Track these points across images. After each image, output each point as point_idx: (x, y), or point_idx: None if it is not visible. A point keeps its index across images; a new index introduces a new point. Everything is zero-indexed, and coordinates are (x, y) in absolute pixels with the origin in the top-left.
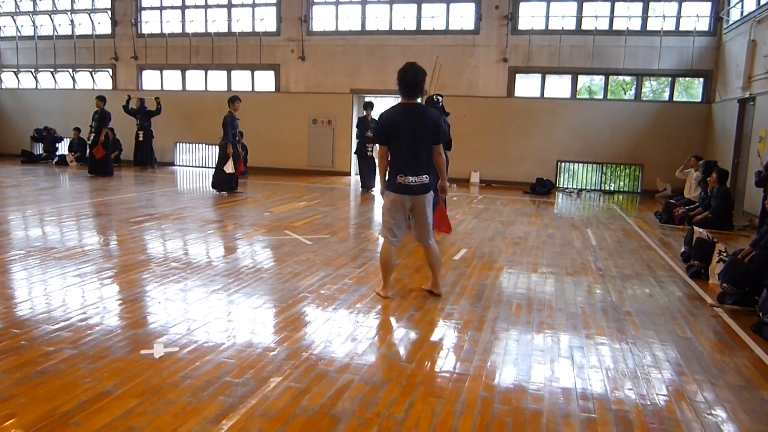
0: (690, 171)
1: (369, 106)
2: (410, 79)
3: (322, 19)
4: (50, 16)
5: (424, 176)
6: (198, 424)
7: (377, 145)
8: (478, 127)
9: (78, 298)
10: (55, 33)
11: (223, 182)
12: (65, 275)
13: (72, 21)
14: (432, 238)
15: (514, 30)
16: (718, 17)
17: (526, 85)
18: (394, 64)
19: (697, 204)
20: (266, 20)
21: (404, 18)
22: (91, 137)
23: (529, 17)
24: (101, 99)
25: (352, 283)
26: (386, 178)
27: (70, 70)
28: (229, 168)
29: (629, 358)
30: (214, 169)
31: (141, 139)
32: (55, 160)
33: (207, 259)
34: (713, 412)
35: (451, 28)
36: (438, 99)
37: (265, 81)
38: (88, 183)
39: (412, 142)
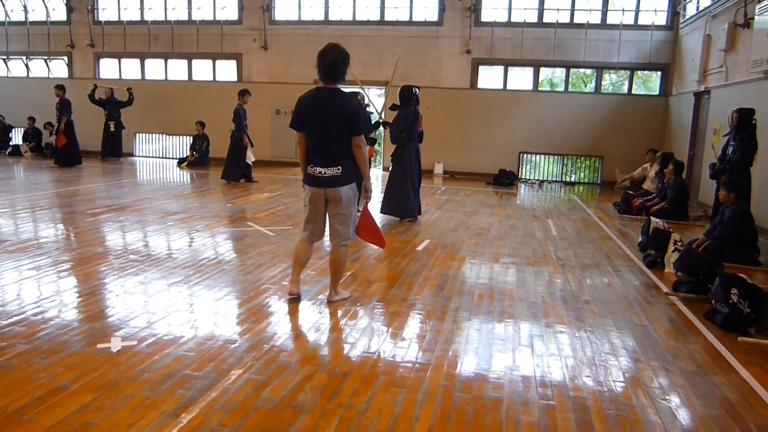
0: (647, 166)
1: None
2: (329, 61)
3: (285, 9)
4: (1, 1)
5: (336, 168)
6: (156, 418)
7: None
8: (441, 118)
9: (32, 291)
10: (7, 19)
11: (236, 173)
12: (19, 269)
13: (25, 6)
14: (345, 240)
15: (477, 22)
16: (675, 12)
17: (489, 77)
18: (358, 55)
19: (654, 195)
20: (228, 8)
21: (368, 8)
22: (56, 127)
23: (492, 9)
24: (60, 87)
25: (315, 274)
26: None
27: (24, 58)
28: (249, 158)
29: (587, 346)
30: (225, 160)
31: (112, 129)
32: (9, 150)
33: (167, 251)
34: (667, 397)
35: (414, 19)
36: (415, 91)
37: (227, 70)
38: (44, 174)
39: (325, 130)
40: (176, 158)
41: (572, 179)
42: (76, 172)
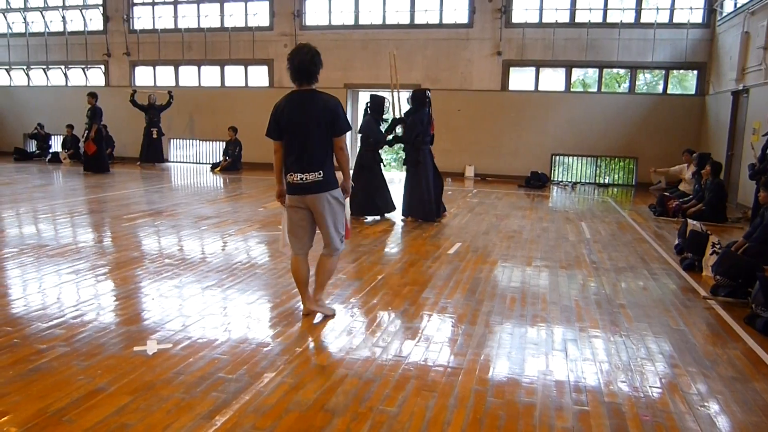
0: (684, 167)
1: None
2: (298, 63)
3: (315, 14)
4: (41, 12)
5: (317, 173)
6: (191, 420)
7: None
8: (472, 120)
9: (71, 295)
10: (47, 29)
11: None
12: (59, 273)
13: (63, 17)
14: (337, 247)
15: (508, 23)
16: (711, 9)
17: (520, 79)
18: (388, 58)
19: (690, 196)
20: (259, 15)
21: (397, 12)
22: (85, 134)
23: (523, 10)
24: (92, 95)
25: (346, 278)
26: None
27: (62, 67)
28: None
29: (623, 350)
30: None
31: (155, 136)
32: (48, 157)
33: (201, 255)
34: (706, 404)
35: (444, 21)
36: (428, 94)
37: (259, 76)
38: (82, 180)
39: (306, 134)
40: (209, 163)
41: (606, 181)
42: (111, 179)
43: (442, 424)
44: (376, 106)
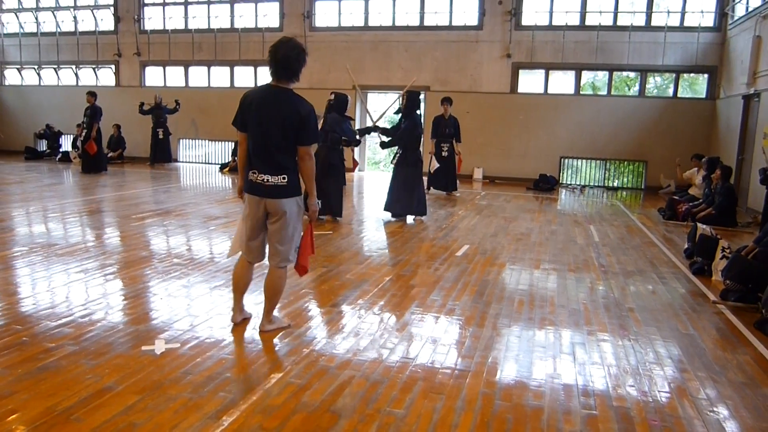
0: (694, 171)
1: (446, 101)
2: (282, 56)
3: (325, 15)
4: (53, 12)
5: (281, 177)
6: (198, 420)
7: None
8: (481, 123)
9: (80, 294)
10: (58, 29)
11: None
12: (68, 272)
13: (75, 17)
14: (283, 262)
15: (518, 25)
16: (722, 13)
17: (530, 81)
18: (398, 60)
19: (700, 200)
20: (269, 16)
21: (407, 14)
22: (83, 133)
23: (533, 12)
24: (92, 94)
25: (354, 279)
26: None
27: (73, 67)
28: None
29: (631, 354)
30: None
31: (161, 137)
32: (59, 156)
33: (209, 255)
34: (715, 409)
35: (454, 23)
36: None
37: (268, 77)
38: (91, 180)
39: (268, 134)
40: (218, 164)
41: (615, 184)
42: (119, 178)
43: (450, 427)
44: (340, 103)
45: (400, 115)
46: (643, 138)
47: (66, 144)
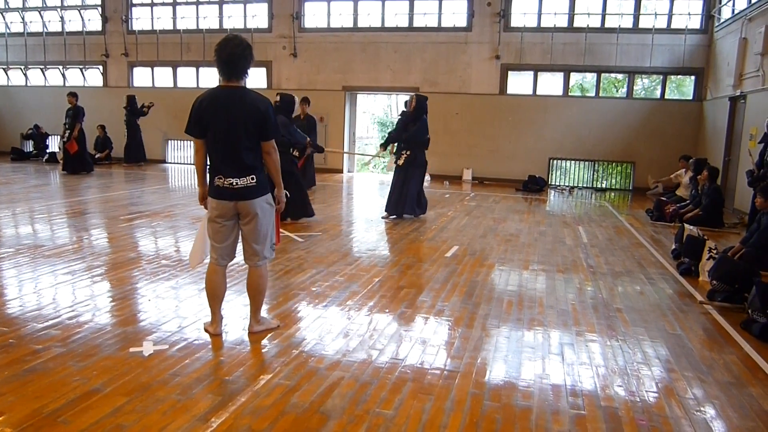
0: (681, 172)
1: (304, 101)
2: (226, 56)
3: (314, 16)
4: (40, 12)
5: (249, 177)
6: (187, 422)
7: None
8: (470, 124)
9: (67, 296)
10: (45, 30)
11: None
12: (55, 273)
13: (62, 17)
14: (262, 260)
15: (507, 27)
16: (709, 15)
17: (518, 83)
18: (387, 61)
19: (688, 201)
20: (258, 17)
21: (396, 15)
22: (66, 134)
23: (522, 14)
24: (73, 95)
25: (344, 280)
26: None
27: (61, 67)
28: None
29: (619, 354)
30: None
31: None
32: (45, 157)
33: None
34: (702, 408)
35: (443, 25)
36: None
37: (257, 78)
38: (78, 180)
39: (232, 136)
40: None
41: (603, 185)
42: (107, 179)
43: (439, 428)
44: (286, 104)
45: (401, 117)
46: (631, 139)
47: (53, 145)
